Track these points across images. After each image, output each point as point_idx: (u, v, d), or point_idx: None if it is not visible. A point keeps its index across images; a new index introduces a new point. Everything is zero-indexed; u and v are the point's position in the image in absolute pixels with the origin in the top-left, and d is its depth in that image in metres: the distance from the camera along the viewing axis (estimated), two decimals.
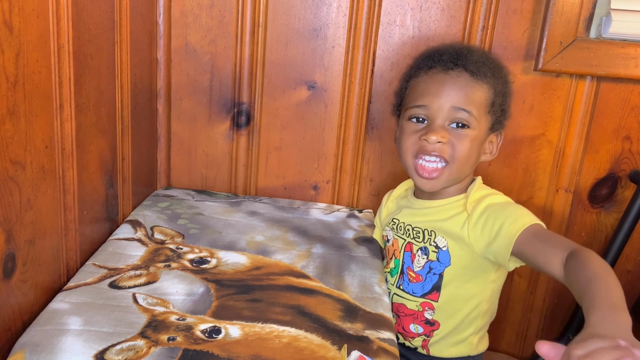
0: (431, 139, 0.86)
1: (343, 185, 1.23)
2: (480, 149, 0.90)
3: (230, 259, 0.91)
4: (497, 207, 0.87)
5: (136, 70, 1.03)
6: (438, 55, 0.90)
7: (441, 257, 0.91)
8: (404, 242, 0.96)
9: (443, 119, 0.87)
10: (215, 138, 1.21)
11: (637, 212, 1.10)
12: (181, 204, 1.13)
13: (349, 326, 0.76)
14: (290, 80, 1.17)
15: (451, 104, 0.86)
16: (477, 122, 0.87)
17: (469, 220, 0.88)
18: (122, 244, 0.93)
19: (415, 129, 0.89)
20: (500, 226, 0.83)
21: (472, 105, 0.86)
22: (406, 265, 0.95)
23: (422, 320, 0.94)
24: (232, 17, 1.14)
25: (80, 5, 0.79)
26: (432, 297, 0.92)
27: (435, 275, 0.91)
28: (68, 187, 0.81)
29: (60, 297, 0.76)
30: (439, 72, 0.88)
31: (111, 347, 0.66)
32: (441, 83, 0.87)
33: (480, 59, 0.88)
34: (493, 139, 0.93)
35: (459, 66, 0.87)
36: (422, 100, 0.88)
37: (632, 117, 1.14)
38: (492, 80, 0.88)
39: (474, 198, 0.90)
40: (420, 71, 0.92)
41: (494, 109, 0.89)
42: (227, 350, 0.67)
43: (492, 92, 0.88)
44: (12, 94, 0.64)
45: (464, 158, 0.87)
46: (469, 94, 0.86)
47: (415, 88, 0.92)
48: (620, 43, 1.07)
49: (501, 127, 0.93)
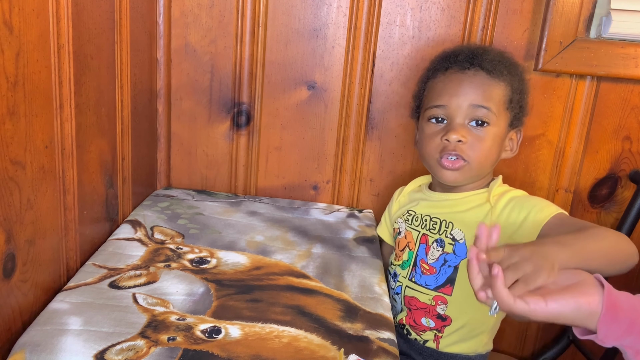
0: (452, 138, 0.87)
1: (343, 185, 1.23)
2: (500, 146, 0.92)
3: (230, 259, 0.91)
4: (521, 198, 0.89)
5: (136, 70, 1.03)
6: (454, 56, 0.92)
7: (457, 249, 0.91)
8: (419, 234, 0.97)
9: (462, 118, 0.88)
10: (215, 138, 1.21)
11: (637, 212, 1.10)
12: (181, 204, 1.13)
13: (349, 326, 0.76)
14: (290, 80, 1.17)
15: (469, 102, 0.88)
16: (497, 118, 0.88)
17: (493, 211, 0.89)
18: (122, 244, 0.93)
19: (435, 130, 0.91)
20: (526, 215, 0.85)
21: (491, 101, 0.88)
22: (420, 257, 0.95)
23: (434, 314, 0.93)
24: (232, 17, 1.14)
25: (80, 5, 0.79)
26: (445, 291, 0.92)
27: (450, 267, 0.92)
28: (68, 187, 0.81)
29: (60, 297, 0.76)
30: (455, 72, 0.90)
31: (111, 347, 0.66)
32: (459, 82, 0.89)
33: (496, 58, 0.90)
34: (513, 136, 0.94)
35: (475, 65, 0.89)
36: (440, 100, 0.90)
37: (632, 117, 1.14)
38: (508, 77, 0.90)
39: (497, 192, 0.92)
40: (437, 72, 0.94)
41: (512, 106, 0.91)
42: (227, 350, 0.67)
43: (509, 89, 0.90)
44: (12, 94, 0.64)
45: (484, 156, 0.89)
46: (487, 91, 0.88)
47: (433, 89, 0.93)
48: (620, 43, 1.07)
49: (520, 123, 0.94)
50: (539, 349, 1.30)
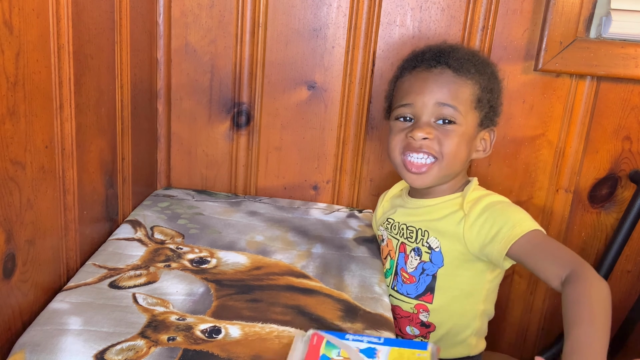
0: (417, 136, 0.86)
1: (343, 185, 1.23)
2: (470, 146, 0.90)
3: (230, 259, 0.91)
4: (495, 209, 0.86)
5: (136, 70, 1.03)
6: (421, 55, 0.91)
7: (434, 258, 0.91)
8: (398, 242, 0.96)
9: (428, 116, 0.88)
10: (215, 138, 1.21)
11: (637, 212, 1.10)
12: (181, 204, 1.13)
13: (349, 326, 0.76)
14: (290, 80, 1.17)
15: (435, 100, 0.87)
16: (464, 117, 0.87)
17: (466, 219, 0.87)
18: (122, 244, 0.93)
19: (402, 128, 0.90)
20: (497, 230, 0.83)
21: (457, 100, 0.87)
22: (400, 266, 0.95)
23: (417, 322, 0.93)
24: (232, 17, 1.14)
25: (80, 5, 0.79)
26: (426, 299, 0.92)
27: (429, 276, 0.91)
28: (68, 187, 0.81)
29: (60, 297, 0.76)
30: (422, 71, 0.90)
31: (111, 347, 0.66)
32: (424, 80, 0.88)
33: (464, 56, 0.89)
34: (485, 136, 0.93)
35: (441, 63, 0.88)
36: (407, 99, 0.89)
37: (632, 117, 1.14)
38: (476, 76, 0.88)
39: (471, 198, 0.90)
40: (404, 72, 0.93)
41: (481, 105, 0.89)
42: (227, 350, 0.67)
43: (477, 88, 0.88)
44: (12, 94, 0.64)
45: (453, 153, 0.87)
46: (453, 90, 0.87)
47: (400, 88, 0.93)
48: (620, 43, 1.07)
49: (492, 123, 0.93)
50: (539, 348, 1.30)
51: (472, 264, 0.89)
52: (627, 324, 1.18)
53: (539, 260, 0.78)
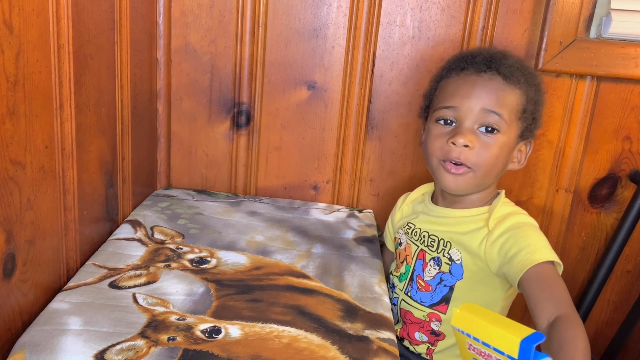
0: (459, 142, 0.83)
1: (343, 185, 1.23)
2: (508, 157, 0.87)
3: (230, 259, 0.91)
4: (520, 230, 0.84)
5: (136, 70, 1.03)
6: (471, 57, 0.88)
7: (454, 270, 0.89)
8: (417, 248, 0.94)
9: (472, 122, 0.84)
10: (215, 138, 1.21)
11: (637, 212, 1.10)
12: (181, 204, 1.13)
13: (349, 326, 0.76)
14: (290, 80, 1.17)
15: (481, 105, 0.83)
16: (508, 127, 0.84)
17: (489, 237, 0.85)
18: (122, 244, 0.93)
19: (443, 132, 0.86)
20: (517, 252, 0.80)
21: (504, 108, 0.84)
22: (416, 273, 0.93)
23: (427, 330, 0.92)
24: (232, 17, 1.14)
25: (80, 5, 0.79)
26: (440, 309, 0.90)
27: (446, 287, 0.90)
28: (68, 187, 0.81)
29: (60, 297, 0.76)
30: (471, 74, 0.86)
31: (111, 347, 0.66)
32: (472, 84, 0.85)
33: (515, 64, 0.86)
34: (522, 148, 0.90)
35: (492, 69, 0.85)
36: (451, 101, 0.86)
37: (632, 117, 1.14)
38: (525, 86, 0.86)
39: (498, 214, 0.87)
40: (451, 72, 0.89)
41: (525, 116, 0.87)
42: (227, 350, 0.67)
43: (524, 98, 0.86)
44: (12, 94, 0.64)
45: (490, 165, 0.85)
46: (501, 97, 0.84)
47: (445, 89, 0.89)
48: (620, 43, 1.07)
49: (531, 135, 0.90)
50: None
51: (491, 279, 0.87)
52: (626, 324, 1.18)
53: (537, 295, 0.75)
